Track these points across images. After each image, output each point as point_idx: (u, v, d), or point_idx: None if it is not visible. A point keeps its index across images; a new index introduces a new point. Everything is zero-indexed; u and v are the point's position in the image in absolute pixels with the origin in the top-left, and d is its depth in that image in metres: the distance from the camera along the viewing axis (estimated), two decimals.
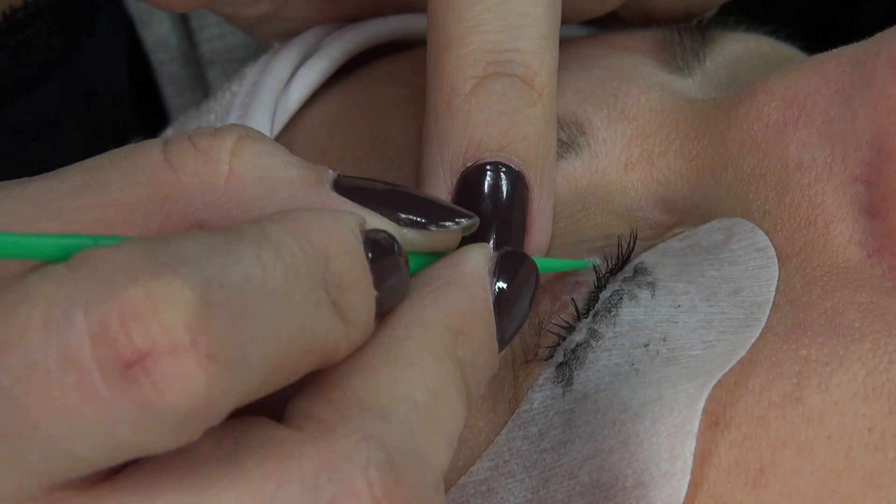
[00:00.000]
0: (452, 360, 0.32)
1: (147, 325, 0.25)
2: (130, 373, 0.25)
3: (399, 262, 0.32)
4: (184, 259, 0.26)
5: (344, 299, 0.30)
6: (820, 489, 0.34)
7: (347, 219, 0.31)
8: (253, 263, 0.28)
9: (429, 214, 0.34)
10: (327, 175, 0.33)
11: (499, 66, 0.38)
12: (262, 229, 0.29)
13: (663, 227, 0.41)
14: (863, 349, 0.35)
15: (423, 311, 0.32)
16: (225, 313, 0.26)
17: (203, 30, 0.65)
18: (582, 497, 0.36)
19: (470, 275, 0.34)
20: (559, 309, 0.38)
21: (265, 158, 0.32)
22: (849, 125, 0.37)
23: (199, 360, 0.26)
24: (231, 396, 0.27)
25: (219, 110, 0.48)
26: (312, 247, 0.29)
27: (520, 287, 0.35)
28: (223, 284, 0.27)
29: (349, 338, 0.30)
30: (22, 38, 0.60)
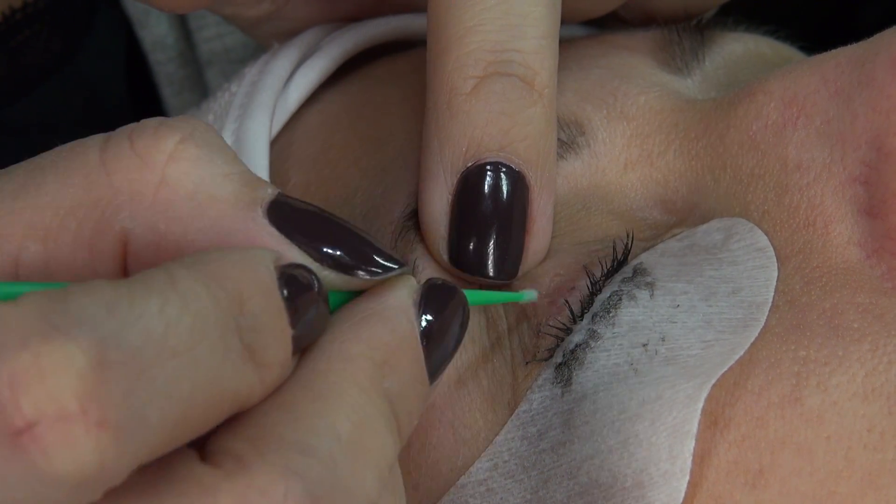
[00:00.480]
0: (378, 392, 0.31)
1: (34, 393, 0.25)
2: (20, 441, 0.25)
3: (317, 298, 0.31)
4: (79, 319, 0.26)
5: (258, 342, 0.29)
6: (819, 490, 0.34)
7: (262, 257, 0.30)
8: (155, 319, 0.27)
9: (359, 257, 0.33)
10: (264, 195, 0.32)
11: (499, 66, 0.38)
12: (171, 277, 0.28)
13: (663, 227, 0.41)
14: (862, 350, 0.35)
15: (344, 344, 0.32)
16: (120, 376, 0.26)
17: (201, 30, 0.65)
18: (581, 497, 0.36)
19: (393, 307, 0.33)
20: (557, 311, 0.38)
21: (202, 168, 0.31)
22: (848, 125, 0.37)
23: (88, 428, 0.25)
24: (128, 459, 0.26)
25: (218, 110, 0.48)
26: (225, 292, 0.29)
27: (448, 318, 0.35)
28: (120, 344, 0.26)
29: (264, 381, 0.30)
30: (21, 39, 0.60)
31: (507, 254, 0.39)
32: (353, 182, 0.44)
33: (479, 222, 0.38)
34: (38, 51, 0.61)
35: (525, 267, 0.39)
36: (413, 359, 0.33)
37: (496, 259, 0.38)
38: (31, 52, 0.61)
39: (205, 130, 0.32)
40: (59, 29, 0.62)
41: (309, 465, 0.29)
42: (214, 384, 0.28)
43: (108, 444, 0.25)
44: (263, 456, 0.28)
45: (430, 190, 0.39)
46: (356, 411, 0.30)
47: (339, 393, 0.30)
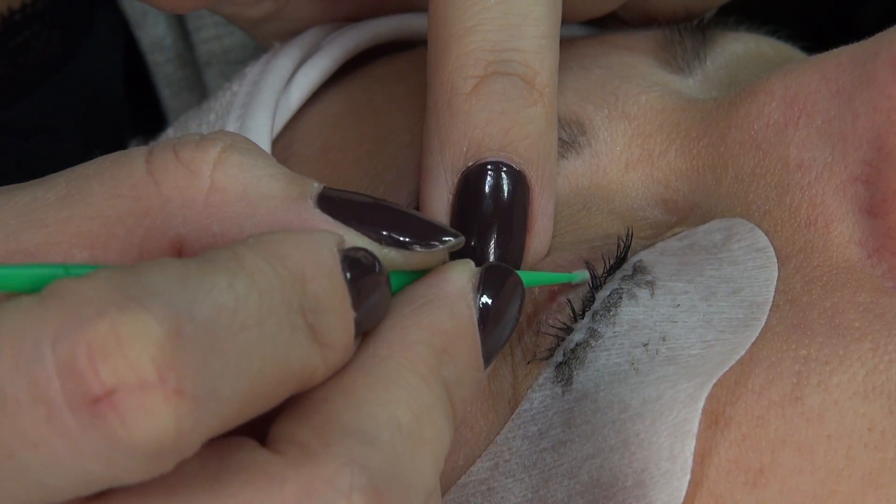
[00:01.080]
0: (437, 380, 0.32)
1: (114, 361, 0.25)
2: (98, 408, 0.25)
3: (379, 281, 0.32)
4: (153, 291, 0.26)
5: (321, 323, 0.30)
6: (819, 488, 0.34)
7: (325, 239, 0.31)
8: (225, 293, 0.27)
9: (413, 233, 0.34)
10: (311, 189, 0.33)
11: (499, 66, 0.38)
12: (237, 255, 0.29)
13: (663, 226, 0.41)
14: (862, 349, 0.35)
15: (405, 331, 0.32)
16: (195, 347, 0.26)
17: (200, 31, 0.65)
18: (582, 496, 0.36)
19: (453, 293, 0.34)
20: (557, 309, 0.38)
21: (248, 171, 0.32)
22: (849, 125, 0.37)
23: (167, 396, 0.26)
24: (202, 430, 0.27)
25: (219, 110, 0.48)
26: (288, 271, 0.29)
27: (505, 302, 0.35)
28: (194, 317, 0.26)
29: (327, 362, 0.30)
30: (20, 40, 0.60)
31: (507, 253, 0.39)
32: (354, 181, 0.44)
33: (480, 222, 0.38)
34: (38, 52, 0.61)
35: (526, 266, 0.39)
36: (471, 346, 0.34)
37: (497, 258, 0.38)
38: (30, 53, 0.61)
39: (243, 140, 0.33)
40: (58, 30, 0.62)
41: (372, 455, 0.29)
42: (281, 359, 0.28)
43: (186, 412, 0.26)
44: (328, 445, 0.29)
45: (431, 189, 0.39)
46: (416, 400, 0.31)
47: (400, 381, 0.31)
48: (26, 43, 0.60)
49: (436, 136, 0.39)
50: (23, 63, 0.60)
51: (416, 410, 0.31)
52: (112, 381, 0.25)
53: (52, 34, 0.61)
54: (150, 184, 0.32)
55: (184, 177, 0.32)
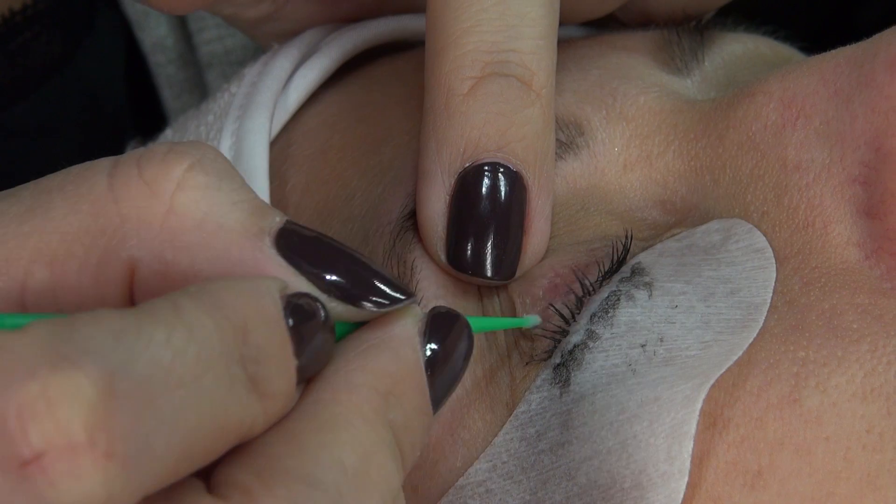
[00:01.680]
0: (383, 423, 0.31)
1: (43, 423, 0.25)
2: (27, 471, 0.25)
3: (323, 328, 0.31)
4: (87, 348, 0.26)
5: (262, 373, 0.29)
6: (818, 490, 0.34)
7: (268, 286, 0.30)
8: (162, 348, 0.27)
9: (366, 288, 0.33)
10: (272, 224, 0.32)
11: (496, 67, 0.38)
12: (177, 307, 0.28)
13: (662, 227, 0.41)
14: (861, 350, 0.35)
15: (349, 374, 0.32)
16: (128, 406, 0.26)
17: (201, 32, 0.65)
18: (580, 498, 0.36)
19: (398, 336, 0.33)
20: (549, 315, 0.38)
21: (210, 197, 0.31)
22: (847, 126, 0.37)
23: (96, 460, 0.25)
24: (133, 491, 0.26)
25: (218, 111, 0.48)
26: (229, 322, 0.29)
27: (452, 347, 0.35)
28: (128, 374, 0.26)
29: (267, 412, 0.30)
30: (21, 41, 0.60)
31: (505, 254, 0.39)
32: (353, 182, 0.44)
33: (477, 223, 0.38)
34: (38, 53, 0.61)
35: (523, 267, 0.39)
36: (417, 389, 0.33)
37: (494, 259, 0.38)
38: (30, 54, 0.61)
39: (213, 157, 0.32)
40: (58, 31, 0.62)
41: (316, 499, 0.29)
42: (219, 414, 0.28)
43: (116, 474, 0.25)
44: (271, 489, 0.28)
45: (428, 191, 0.39)
46: (361, 443, 0.30)
47: (345, 424, 0.30)
48: (26, 44, 0.60)
49: (433, 138, 0.39)
50: (23, 64, 0.60)
51: (362, 452, 0.30)
52: (41, 445, 0.25)
53: (52, 35, 0.61)
54: (109, 201, 0.31)
55: (143, 196, 0.31)
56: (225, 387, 0.28)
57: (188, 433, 0.27)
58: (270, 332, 0.30)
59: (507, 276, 0.39)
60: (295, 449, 0.30)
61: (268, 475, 0.29)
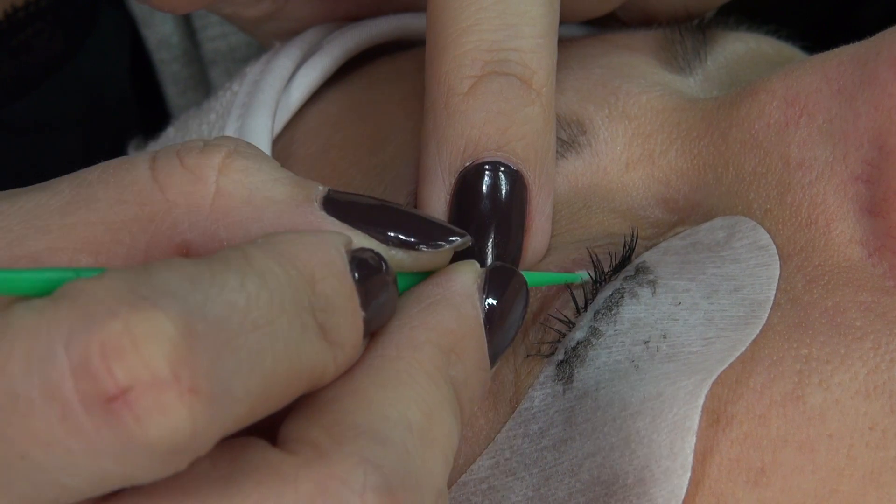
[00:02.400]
0: (445, 380, 0.32)
1: (128, 359, 0.25)
2: (113, 407, 0.25)
3: (387, 281, 0.32)
4: (165, 291, 0.26)
5: (331, 322, 0.30)
6: (821, 488, 0.34)
7: (333, 239, 0.31)
8: (236, 292, 0.27)
9: (419, 234, 0.34)
10: (316, 192, 0.33)
11: (496, 66, 0.38)
12: (246, 255, 0.29)
13: (665, 225, 0.41)
14: (864, 348, 0.35)
15: (413, 331, 0.32)
16: (208, 345, 0.26)
17: (206, 29, 0.65)
18: (583, 494, 0.36)
19: (459, 293, 0.34)
20: (561, 305, 0.38)
21: (253, 176, 0.32)
22: (850, 124, 0.37)
23: (181, 394, 0.26)
24: (216, 428, 0.27)
25: (220, 109, 0.48)
26: (297, 271, 0.29)
27: (510, 303, 0.35)
28: (205, 316, 0.27)
29: (337, 361, 0.30)
30: (23, 38, 0.60)
31: (506, 253, 0.39)
32: (354, 181, 0.44)
33: (478, 222, 0.38)
34: (41, 49, 0.61)
35: (524, 266, 0.39)
36: (477, 346, 0.34)
37: (495, 258, 0.38)
38: (33, 50, 0.61)
39: (246, 145, 0.33)
40: (61, 28, 0.62)
41: (384, 455, 0.29)
42: (293, 358, 0.28)
43: (200, 410, 0.26)
44: (340, 444, 0.29)
45: (429, 190, 0.39)
46: (425, 400, 0.31)
47: (409, 381, 0.31)
48: (29, 41, 0.60)
49: (433, 137, 0.39)
50: (25, 61, 0.60)
51: (426, 410, 0.31)
52: (126, 380, 0.25)
53: (54, 32, 0.61)
54: (154, 189, 0.32)
55: (189, 182, 0.32)
56: (297, 331, 0.28)
57: (264, 374, 0.28)
58: (338, 283, 0.30)
59: None
60: (362, 405, 0.30)
61: (337, 431, 0.29)
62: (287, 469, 0.28)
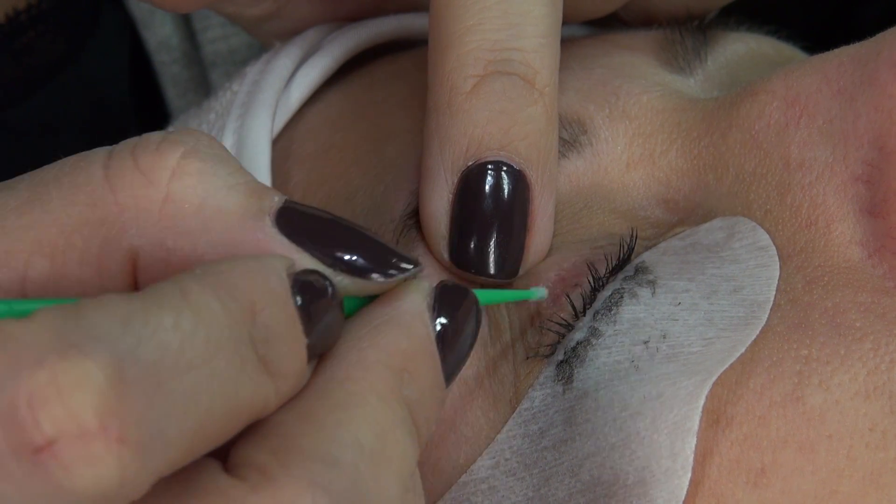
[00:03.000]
0: (398, 400, 0.31)
1: (54, 410, 0.25)
2: (40, 458, 0.25)
3: (332, 304, 0.31)
4: (95, 335, 0.26)
5: (272, 353, 0.29)
6: (821, 489, 0.34)
7: (274, 265, 0.30)
8: (170, 333, 0.27)
9: (372, 259, 0.33)
10: (271, 203, 0.32)
11: (499, 65, 0.38)
12: (182, 290, 0.28)
13: (665, 225, 0.41)
14: (864, 349, 0.35)
15: (362, 352, 0.32)
16: (139, 391, 0.26)
17: (206, 31, 0.65)
18: (583, 495, 0.36)
19: (409, 312, 0.33)
20: (559, 307, 0.38)
21: (206, 182, 0.31)
22: (850, 125, 0.37)
23: (109, 445, 0.25)
24: (148, 474, 0.26)
25: (219, 109, 0.48)
26: (237, 303, 0.29)
27: (462, 321, 0.35)
28: (137, 359, 0.26)
29: (279, 392, 0.30)
30: (25, 41, 0.60)
31: (508, 252, 0.39)
32: (355, 181, 0.44)
33: (480, 221, 0.38)
34: (42, 52, 0.61)
35: (526, 265, 0.39)
36: (430, 364, 0.33)
37: (497, 258, 0.38)
38: (35, 53, 0.61)
39: (207, 143, 0.32)
40: (63, 30, 0.62)
41: (333, 477, 0.29)
42: (231, 396, 0.28)
43: (129, 459, 0.25)
44: (288, 468, 0.28)
45: (431, 189, 0.39)
46: (377, 420, 0.30)
47: (360, 402, 0.30)
48: (31, 43, 0.60)
49: (436, 136, 0.39)
50: (27, 63, 0.60)
51: (378, 430, 0.30)
52: (53, 431, 0.25)
53: (56, 35, 0.61)
54: (106, 191, 0.31)
55: (140, 185, 0.31)
56: (236, 368, 0.28)
57: (200, 416, 0.27)
58: (279, 311, 0.29)
59: (509, 274, 0.39)
60: (311, 428, 0.29)
61: (284, 454, 0.29)
62: (234, 494, 0.28)
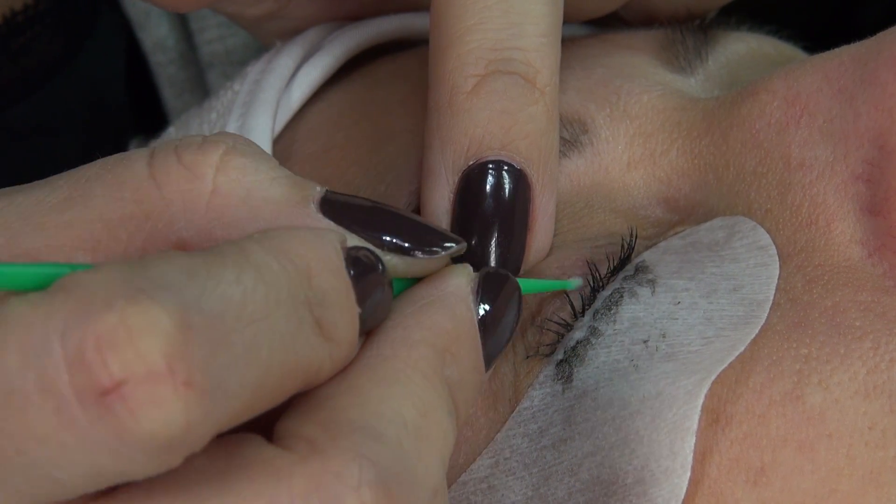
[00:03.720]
0: (440, 379, 0.32)
1: (123, 352, 0.25)
2: (107, 400, 0.25)
3: (382, 281, 0.32)
4: (161, 284, 0.26)
5: (327, 317, 0.30)
6: (821, 487, 0.34)
7: (329, 236, 0.31)
8: (232, 286, 0.27)
9: (415, 239, 0.34)
10: (313, 193, 0.33)
11: (500, 65, 0.38)
12: (243, 249, 0.29)
13: (665, 225, 0.41)
14: (863, 348, 0.35)
15: (407, 330, 0.32)
16: (203, 339, 0.26)
17: (202, 32, 0.65)
18: (582, 494, 0.36)
19: (454, 294, 0.34)
20: (559, 307, 0.38)
21: (250, 175, 0.32)
22: (850, 124, 0.37)
23: (176, 388, 0.25)
24: (211, 423, 0.26)
25: (221, 109, 0.48)
26: (294, 265, 0.29)
27: (503, 307, 0.35)
28: (202, 309, 0.26)
29: (333, 357, 0.30)
30: (22, 41, 0.60)
31: (508, 252, 0.39)
32: (356, 180, 0.44)
33: (481, 220, 0.38)
34: (39, 53, 0.61)
35: (527, 264, 0.39)
36: (472, 347, 0.34)
37: (498, 257, 0.38)
38: (32, 54, 0.61)
39: (246, 142, 0.33)
40: (60, 31, 0.62)
41: (380, 451, 0.29)
42: (289, 353, 0.28)
43: (195, 404, 0.26)
44: (335, 440, 0.29)
45: (432, 188, 0.39)
46: (421, 398, 0.31)
47: (405, 379, 0.31)
48: (28, 44, 0.60)
49: (436, 135, 0.39)
50: (24, 64, 0.60)
51: (421, 408, 0.31)
52: (121, 373, 0.25)
53: (54, 35, 0.61)
54: (152, 187, 0.31)
55: (186, 180, 0.32)
56: (294, 326, 0.28)
57: (260, 369, 0.27)
58: (334, 279, 0.30)
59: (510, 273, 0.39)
60: (358, 402, 0.30)
61: (333, 427, 0.29)
62: (282, 465, 0.28)
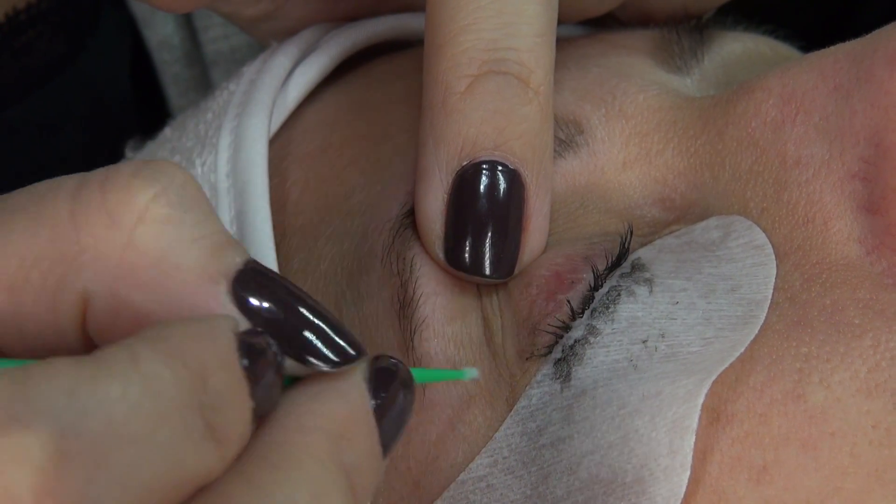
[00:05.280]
0: (335, 464, 0.31)
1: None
2: None
3: (275, 364, 0.31)
4: (38, 408, 0.26)
5: (220, 419, 0.29)
6: (825, 486, 0.34)
7: (223, 327, 0.30)
8: (116, 404, 0.26)
9: (324, 351, 0.32)
10: (231, 266, 0.31)
11: (494, 65, 0.38)
12: (134, 356, 0.27)
13: (661, 224, 0.41)
14: (863, 346, 0.35)
15: (301, 417, 0.31)
16: (79, 466, 0.25)
17: (207, 30, 0.65)
18: (581, 493, 0.36)
19: (346, 381, 0.32)
20: (554, 308, 0.38)
21: (171, 232, 0.30)
22: (847, 122, 0.37)
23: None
24: None
25: (216, 109, 0.48)
26: (188, 370, 0.28)
27: (395, 396, 0.33)
28: (80, 433, 0.26)
29: (224, 458, 0.29)
30: (25, 40, 0.60)
31: (503, 252, 0.38)
32: (352, 180, 0.44)
33: (475, 221, 0.38)
34: (42, 51, 0.61)
35: (521, 264, 0.39)
36: (368, 432, 0.32)
37: (492, 257, 0.38)
38: (35, 52, 0.61)
39: (181, 184, 0.31)
40: (63, 30, 0.62)
41: None
42: (174, 468, 0.27)
43: None
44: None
45: (426, 189, 0.39)
46: (314, 482, 0.30)
47: (297, 464, 0.30)
48: (30, 43, 0.60)
49: (430, 136, 0.39)
50: (27, 63, 0.60)
51: (315, 492, 0.30)
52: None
53: (56, 34, 0.61)
54: (69, 227, 0.30)
55: (104, 226, 0.30)
56: (180, 438, 0.27)
57: (142, 490, 0.26)
58: (228, 376, 0.29)
59: (505, 274, 0.39)
60: (249, 489, 0.29)
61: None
62: None
